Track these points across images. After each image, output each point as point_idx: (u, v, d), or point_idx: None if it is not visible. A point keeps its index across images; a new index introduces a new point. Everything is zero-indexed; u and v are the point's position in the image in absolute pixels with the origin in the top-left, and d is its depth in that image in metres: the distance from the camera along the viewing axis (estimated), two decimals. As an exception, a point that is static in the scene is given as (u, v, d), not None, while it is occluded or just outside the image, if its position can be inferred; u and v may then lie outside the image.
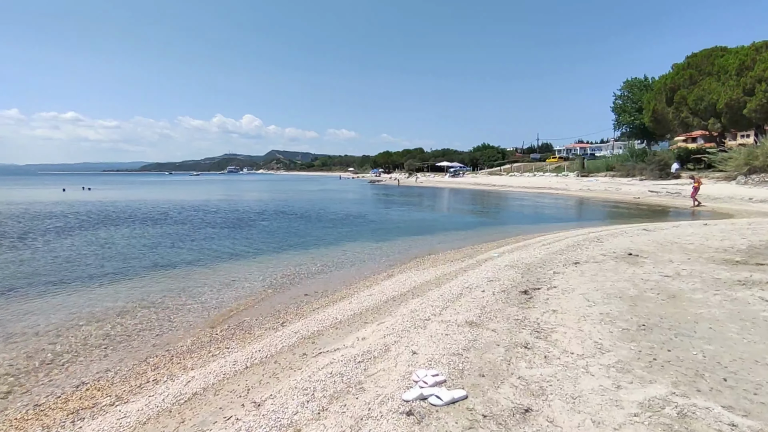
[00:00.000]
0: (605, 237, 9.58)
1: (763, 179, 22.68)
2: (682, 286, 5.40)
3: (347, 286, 6.59)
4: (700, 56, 32.29)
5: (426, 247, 10.17)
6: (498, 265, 6.86)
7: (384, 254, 9.38)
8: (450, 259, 8.24)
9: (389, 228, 13.86)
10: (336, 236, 11.97)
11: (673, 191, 24.87)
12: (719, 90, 28.73)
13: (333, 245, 10.55)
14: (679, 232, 10.11)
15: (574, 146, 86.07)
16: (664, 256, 7.32)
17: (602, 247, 8.21)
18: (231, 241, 10.95)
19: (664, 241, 8.87)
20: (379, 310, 4.97)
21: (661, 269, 6.31)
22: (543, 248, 8.40)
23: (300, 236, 11.92)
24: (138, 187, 50.05)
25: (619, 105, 49.44)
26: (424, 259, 8.51)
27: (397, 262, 8.43)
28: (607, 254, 7.43)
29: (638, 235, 9.80)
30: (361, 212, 19.56)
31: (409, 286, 6.02)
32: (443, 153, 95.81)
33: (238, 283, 6.95)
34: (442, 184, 50.71)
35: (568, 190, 33.25)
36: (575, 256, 7.29)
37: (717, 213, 17.14)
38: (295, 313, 5.29)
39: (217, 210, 20.11)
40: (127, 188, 47.87)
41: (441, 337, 3.82)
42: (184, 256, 9.07)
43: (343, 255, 9.28)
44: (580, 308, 4.52)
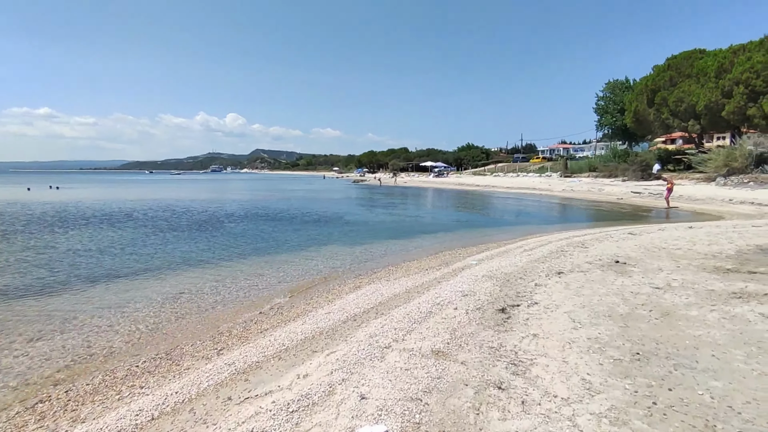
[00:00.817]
0: (590, 242, 9.08)
1: (741, 180, 22.75)
2: (675, 301, 4.86)
3: (307, 300, 5.88)
4: (680, 58, 32.51)
5: (402, 253, 9.52)
6: (475, 275, 6.24)
7: (356, 260, 8.69)
8: (425, 267, 7.60)
9: (366, 231, 13.17)
10: (307, 240, 11.22)
11: (655, 192, 24.80)
12: (698, 92, 28.89)
13: (302, 250, 9.81)
14: (665, 236, 9.68)
15: (557, 147, 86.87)
16: (652, 263, 6.81)
17: (587, 253, 7.68)
18: (189, 247, 10.10)
19: (651, 245, 8.41)
20: (335, 333, 4.28)
21: (651, 279, 5.78)
22: (525, 255, 7.82)
23: (268, 240, 11.13)
24: (111, 186, 48.19)
25: (601, 106, 49.76)
26: (398, 267, 7.85)
27: (369, 270, 7.74)
28: (593, 262, 6.89)
29: (624, 239, 9.34)
30: (340, 213, 18.82)
31: (374, 301, 5.34)
32: (428, 153, 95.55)
33: (185, 297, 6.16)
34: (426, 184, 50.24)
35: (552, 190, 33.10)
36: (559, 265, 6.72)
37: (699, 214, 16.97)
38: (239, 337, 4.56)
39: (187, 210, 19.10)
40: (100, 187, 46.01)
41: (399, 373, 3.15)
42: (131, 265, 8.20)
43: (311, 262, 8.55)
44: (564, 331, 3.91)
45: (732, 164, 23.81)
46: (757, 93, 24.91)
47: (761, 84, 24.60)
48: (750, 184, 21.75)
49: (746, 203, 18.17)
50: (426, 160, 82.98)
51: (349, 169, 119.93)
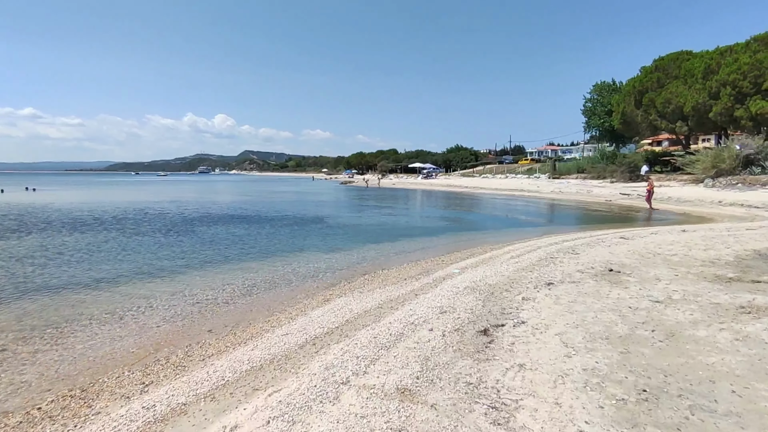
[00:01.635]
0: (581, 247, 8.54)
1: (729, 182, 22.62)
2: (678, 317, 4.30)
3: (267, 317, 5.20)
4: (668, 60, 32.50)
5: (381, 259, 8.88)
6: (456, 287, 5.63)
7: (330, 268, 8.02)
8: (404, 276, 6.97)
9: (346, 235, 12.51)
10: (281, 246, 10.51)
11: (644, 194, 24.56)
12: (686, 93, 28.83)
13: (275, 257, 9.12)
14: (659, 240, 9.21)
15: (546, 148, 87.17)
16: (648, 271, 6.28)
17: (578, 260, 7.13)
18: (148, 253, 9.32)
19: (645, 251, 7.90)
20: (287, 362, 3.62)
21: (649, 291, 5.23)
22: (512, 262, 7.24)
23: (238, 246, 10.39)
24: (91, 188, 46.75)
25: (588, 108, 49.81)
26: (375, 276, 7.20)
27: (342, 279, 7.08)
28: (585, 271, 6.33)
29: (616, 244, 8.83)
30: (322, 216, 18.11)
31: (340, 319, 4.69)
32: (417, 154, 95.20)
33: (130, 315, 5.43)
34: (414, 186, 49.73)
35: (540, 192, 32.79)
36: (548, 274, 6.14)
37: (690, 216, 16.65)
38: (176, 365, 3.87)
39: (162, 213, 18.22)
40: (79, 189, 44.57)
41: (353, 422, 2.51)
42: (76, 275, 7.42)
43: (281, 270, 7.87)
44: (556, 360, 3.31)
45: (720, 166, 23.69)
46: (743, 94, 24.87)
47: (748, 85, 24.56)
48: (738, 185, 21.60)
49: (736, 205, 17.93)
50: (415, 161, 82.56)
51: (339, 170, 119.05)
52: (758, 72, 24.58)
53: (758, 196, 19.00)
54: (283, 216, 17.86)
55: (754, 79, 24.70)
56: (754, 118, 24.61)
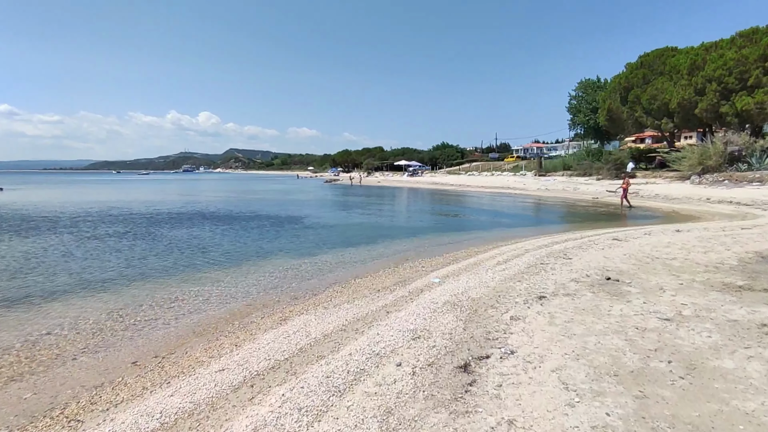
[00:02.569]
0: (573, 250, 7.87)
1: (716, 179, 22.41)
2: (695, 341, 3.60)
3: (209, 343, 4.35)
4: (653, 56, 32.33)
5: (356, 266, 8.08)
6: (435, 302, 4.86)
7: (297, 277, 7.18)
8: (378, 286, 6.17)
9: (322, 237, 11.66)
10: (249, 250, 9.62)
11: (630, 191, 24.25)
12: (671, 90, 28.64)
13: (238, 264, 8.23)
14: (654, 242, 8.60)
15: (531, 146, 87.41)
16: (650, 279, 5.61)
17: (572, 266, 6.43)
18: (95, 260, 8.35)
19: (642, 255, 7.26)
20: (208, 417, 2.79)
21: (654, 305, 4.53)
22: (498, 269, 6.51)
23: (201, 250, 9.46)
24: (63, 188, 44.81)
25: (574, 105, 49.67)
26: (346, 287, 6.39)
27: (308, 291, 6.25)
28: (580, 280, 5.62)
29: (610, 246, 8.17)
30: (299, 215, 17.22)
31: (293, 347, 3.87)
32: (403, 152, 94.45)
33: (43, 340, 4.52)
34: (400, 184, 49.00)
35: (527, 189, 32.37)
36: (539, 285, 5.42)
37: (679, 214, 16.23)
38: (70, 419, 3.00)
39: (127, 214, 17.07)
40: (51, 189, 42.65)
41: None
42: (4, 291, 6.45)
43: (241, 280, 7.00)
44: (555, 410, 2.55)
45: (706, 162, 23.49)
46: (729, 90, 24.71)
47: (734, 81, 24.40)
48: (725, 182, 21.37)
49: (724, 202, 17.60)
50: (401, 159, 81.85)
51: (324, 168, 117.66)
52: (743, 68, 24.44)
53: (746, 193, 18.74)
54: (256, 216, 16.91)
55: (740, 75, 24.55)
56: (740, 114, 24.48)
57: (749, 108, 23.71)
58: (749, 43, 25.42)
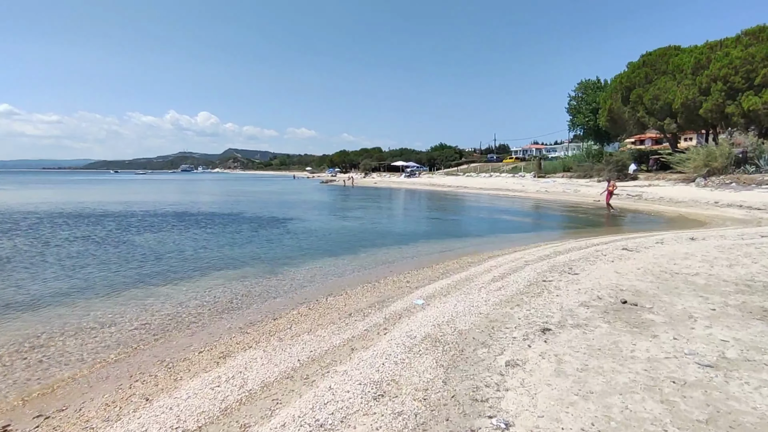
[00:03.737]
0: (578, 263, 6.91)
1: (723, 181, 21.49)
2: (756, 401, 2.65)
3: (117, 392, 3.38)
4: (655, 55, 31.40)
5: (333, 279, 7.11)
6: (413, 336, 3.89)
7: (261, 295, 6.21)
8: (350, 309, 5.21)
9: (302, 243, 10.69)
10: (215, 257, 8.63)
11: (633, 193, 23.35)
12: (675, 89, 27.72)
13: (197, 275, 7.25)
14: (669, 252, 7.64)
15: (530, 147, 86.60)
16: (674, 303, 4.66)
17: (579, 285, 5.47)
18: (30, 271, 7.38)
19: (659, 269, 6.30)
20: None
21: (687, 341, 3.58)
22: (493, 287, 5.54)
23: (162, 257, 8.47)
24: (55, 187, 43.73)
25: (573, 106, 48.73)
26: (313, 308, 5.42)
27: (267, 314, 5.28)
28: (591, 303, 4.66)
29: (620, 258, 7.22)
30: (286, 218, 16.25)
31: (215, 409, 2.90)
32: (401, 152, 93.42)
33: None
34: (396, 185, 48.03)
35: (526, 191, 31.44)
36: (543, 310, 4.46)
37: (686, 219, 15.30)
38: None
39: (102, 215, 16.04)
40: (40, 188, 41.58)
41: None
42: None
43: (193, 298, 6.01)
44: None
45: (712, 164, 22.57)
46: (735, 90, 23.81)
47: (740, 81, 23.49)
48: (732, 185, 20.46)
49: (734, 206, 16.68)
50: (399, 159, 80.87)
51: (322, 169, 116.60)
52: (750, 66, 23.53)
53: (756, 196, 17.82)
54: (237, 218, 15.94)
55: (746, 74, 23.64)
56: (747, 114, 23.57)
57: (757, 108, 22.80)
58: (756, 41, 24.51)
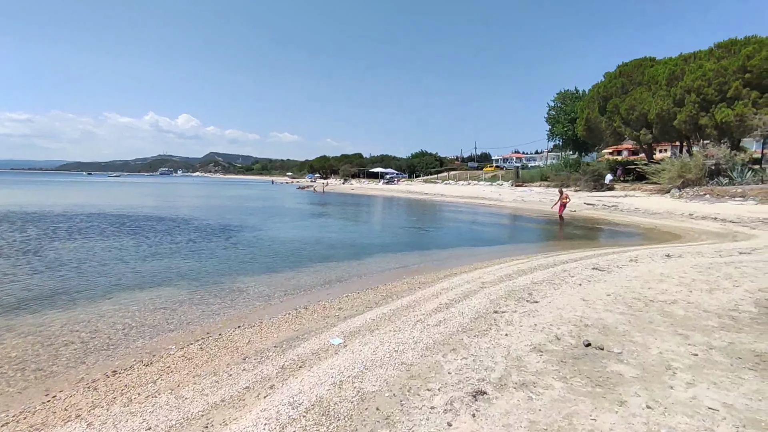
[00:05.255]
0: (541, 286, 5.98)
1: (697, 193, 21.23)
2: None
3: None
4: (631, 66, 31.51)
5: (250, 307, 5.98)
6: (296, 403, 2.83)
7: (155, 327, 5.05)
8: (247, 351, 4.12)
9: (241, 256, 9.51)
10: (126, 275, 7.38)
11: (609, 204, 22.89)
12: (650, 100, 27.70)
13: (87, 300, 6.02)
14: (643, 273, 6.80)
15: (511, 156, 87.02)
16: (648, 345, 3.73)
17: (536, 318, 4.51)
18: None
19: (632, 296, 5.41)
20: None
21: (664, 410, 2.61)
22: (432, 321, 4.53)
23: (60, 273, 7.21)
24: (13, 188, 41.18)
25: (552, 116, 48.87)
26: (204, 348, 4.31)
27: (140, 359, 4.14)
28: (546, 347, 3.69)
29: (589, 280, 6.32)
30: (241, 225, 15.07)
31: None
32: (381, 159, 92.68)
33: None
34: (372, 191, 47.07)
35: (502, 200, 30.84)
36: (483, 359, 3.46)
37: (661, 231, 14.72)
38: None
39: (34, 218, 14.47)
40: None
41: None
42: None
43: (66, 333, 4.83)
44: None
45: (686, 175, 22.35)
46: (708, 102, 23.76)
47: (713, 93, 23.45)
48: (706, 196, 20.18)
49: (709, 218, 16.23)
50: (379, 166, 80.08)
51: (303, 174, 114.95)
52: (723, 79, 23.54)
53: (730, 208, 17.47)
54: (186, 225, 14.66)
55: (719, 86, 23.64)
56: (719, 126, 23.52)
57: (729, 120, 22.75)
58: (728, 54, 24.61)
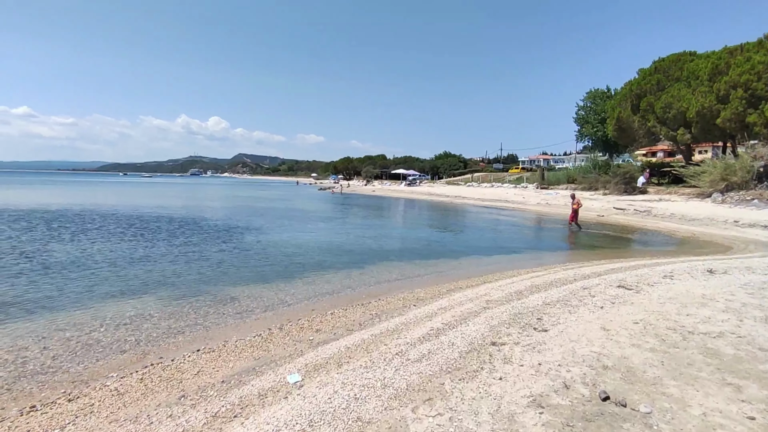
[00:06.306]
0: (553, 308, 5.09)
1: (743, 197, 19.40)
2: None
3: None
4: (669, 60, 29.47)
5: (222, 326, 5.36)
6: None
7: (117, 344, 4.50)
8: (191, 387, 3.47)
9: (237, 262, 8.98)
10: (105, 281, 6.95)
11: (641, 209, 21.30)
12: (689, 97, 25.74)
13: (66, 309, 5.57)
14: (680, 294, 5.78)
15: (538, 158, 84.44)
16: (688, 402, 2.83)
17: (542, 354, 3.66)
18: None
19: (665, 325, 4.46)
20: None
21: None
22: (413, 354, 3.76)
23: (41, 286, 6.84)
24: (49, 188, 42.78)
25: (582, 116, 46.81)
26: (144, 380, 3.69)
27: (67, 390, 3.56)
28: (550, 401, 2.86)
29: (613, 301, 5.37)
30: (249, 226, 14.74)
31: None
32: (404, 160, 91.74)
33: None
34: (393, 193, 46.28)
35: (525, 203, 29.47)
36: (462, 415, 2.66)
37: (700, 240, 13.31)
38: None
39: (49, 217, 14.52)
40: (33, 189, 40.61)
41: None
42: None
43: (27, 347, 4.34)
44: None
45: (730, 178, 20.49)
46: (757, 98, 21.74)
47: (763, 87, 21.44)
48: (754, 201, 18.36)
49: (758, 226, 14.64)
50: (402, 167, 79.23)
51: (327, 175, 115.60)
52: (774, 73, 21.51)
53: (781, 215, 15.76)
54: (194, 226, 14.44)
55: (769, 80, 21.62)
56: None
57: (781, 117, 20.74)
58: (780, 46, 22.52)
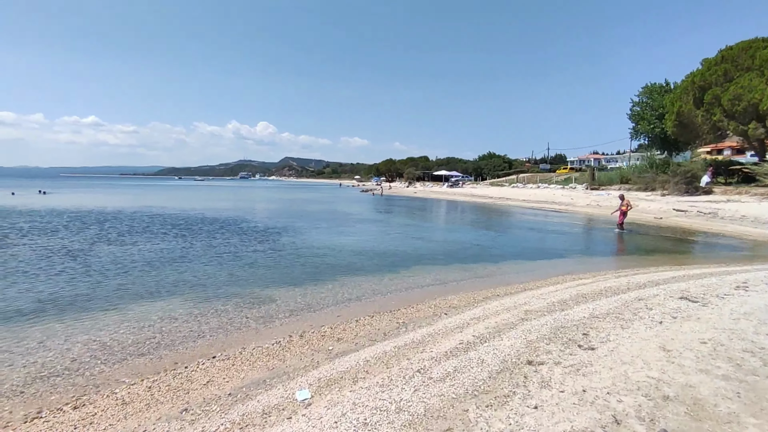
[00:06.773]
0: (602, 322, 4.53)
1: (829, 199, 17.17)
2: None
3: None
4: (737, 49, 26.82)
5: (245, 330, 5.26)
6: None
7: (136, 346, 4.51)
8: (195, 399, 3.33)
9: (273, 264, 8.99)
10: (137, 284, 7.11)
11: (706, 210, 19.44)
12: (762, 88, 23.27)
13: (95, 311, 5.73)
14: (758, 309, 4.98)
15: (588, 157, 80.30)
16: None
17: (587, 379, 3.18)
18: None
19: (740, 347, 3.79)
20: None
21: None
22: (437, 372, 3.41)
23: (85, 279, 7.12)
24: (109, 191, 46.10)
25: (636, 112, 43.73)
26: (152, 388, 3.61)
27: (72, 399, 3.54)
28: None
29: (675, 317, 4.72)
30: (288, 227, 15.08)
31: None
32: (447, 161, 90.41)
33: None
34: (436, 195, 45.57)
35: (574, 205, 27.91)
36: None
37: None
38: None
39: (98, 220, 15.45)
40: (94, 192, 43.91)
41: None
42: None
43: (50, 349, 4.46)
44: None
45: (813, 177, 18.23)
46: None
47: None
48: (843, 203, 16.19)
49: None
50: (444, 169, 78.15)
51: (369, 177, 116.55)
52: None
53: None
54: (233, 227, 14.98)
55: None
56: None
57: None
58: None
